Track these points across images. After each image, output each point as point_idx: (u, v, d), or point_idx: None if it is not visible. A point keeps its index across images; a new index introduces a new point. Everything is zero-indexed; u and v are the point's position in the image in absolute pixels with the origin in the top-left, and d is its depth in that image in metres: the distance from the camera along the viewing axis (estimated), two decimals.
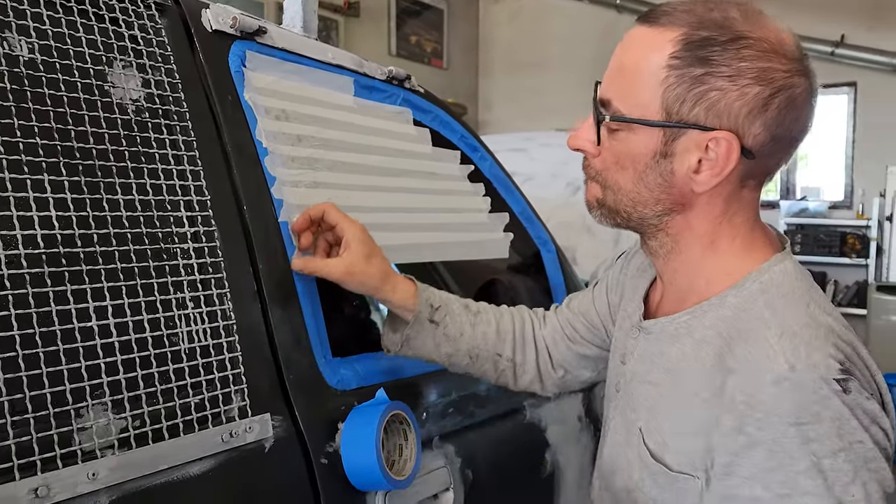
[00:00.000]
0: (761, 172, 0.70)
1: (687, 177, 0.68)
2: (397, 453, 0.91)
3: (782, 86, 0.64)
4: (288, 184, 0.92)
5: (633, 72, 0.68)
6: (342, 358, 0.94)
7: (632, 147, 0.69)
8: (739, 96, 0.64)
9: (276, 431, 0.80)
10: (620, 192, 0.72)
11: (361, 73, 1.13)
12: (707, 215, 0.71)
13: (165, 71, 0.81)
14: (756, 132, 0.65)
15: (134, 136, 0.75)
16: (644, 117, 0.67)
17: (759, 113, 0.65)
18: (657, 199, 0.70)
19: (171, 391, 0.71)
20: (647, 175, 0.70)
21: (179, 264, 0.75)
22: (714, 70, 0.64)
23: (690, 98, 0.65)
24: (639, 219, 0.73)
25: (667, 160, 0.68)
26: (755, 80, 0.64)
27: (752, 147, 0.66)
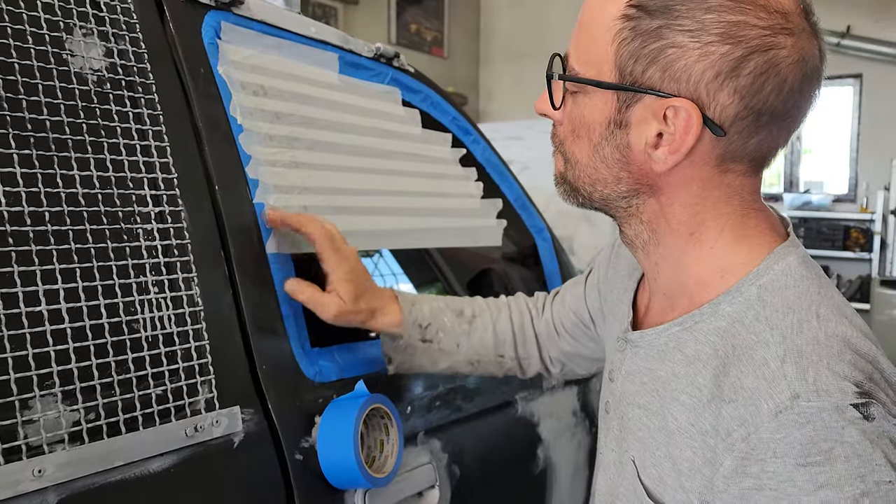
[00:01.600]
0: (746, 156, 0.57)
1: (643, 152, 0.57)
2: (378, 449, 0.87)
3: (758, 46, 0.52)
4: (264, 163, 0.87)
5: (589, 24, 0.58)
6: (321, 348, 0.89)
7: (586, 113, 0.59)
8: (701, 56, 0.53)
9: (246, 425, 0.75)
10: (578, 166, 0.62)
11: (347, 50, 1.07)
12: (681, 201, 0.59)
13: (130, 40, 0.76)
14: (725, 102, 0.54)
15: (93, 109, 0.70)
16: (596, 78, 0.57)
17: (728, 78, 0.53)
18: (617, 178, 0.60)
19: (130, 382, 0.66)
20: (602, 147, 0.59)
21: (142, 246, 0.70)
22: (673, 23, 0.53)
23: (645, 55, 0.54)
24: (601, 199, 0.62)
25: (622, 131, 0.58)
26: (722, 36, 0.52)
27: (720, 120, 0.54)
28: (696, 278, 0.61)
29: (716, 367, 0.56)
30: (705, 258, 0.60)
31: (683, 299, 0.62)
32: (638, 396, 0.64)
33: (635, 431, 0.64)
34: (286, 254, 0.87)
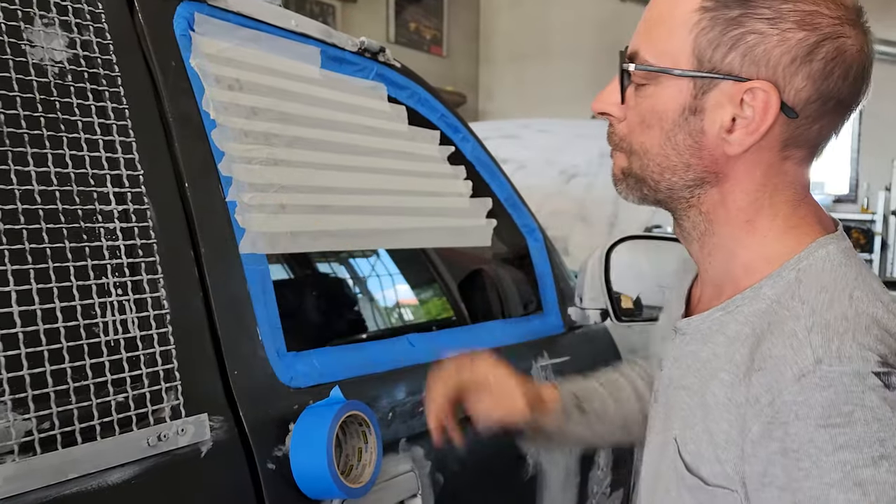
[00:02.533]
0: (806, 142, 0.60)
1: (719, 137, 0.59)
2: (356, 457, 0.83)
3: (829, 34, 0.56)
4: (239, 160, 0.84)
5: (662, 19, 0.60)
6: (298, 352, 0.86)
7: (658, 103, 0.61)
8: (780, 41, 0.56)
9: (215, 433, 0.72)
10: (647, 155, 0.63)
11: (330, 44, 1.04)
12: (743, 188, 0.61)
13: (95, 31, 0.73)
14: (799, 86, 0.57)
15: (52, 102, 0.67)
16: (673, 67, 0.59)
17: (803, 63, 0.56)
18: (687, 165, 0.61)
19: (88, 389, 0.63)
20: (674, 134, 0.61)
21: (103, 246, 0.67)
22: (752, 11, 0.56)
23: (725, 42, 0.57)
24: (667, 189, 0.64)
25: (696, 117, 0.59)
26: (798, 24, 0.56)
27: (794, 103, 0.57)
28: (744, 265, 0.63)
29: (752, 343, 0.58)
30: (755, 246, 0.62)
31: (730, 286, 0.64)
32: (682, 379, 0.66)
33: (678, 412, 0.65)
34: (261, 254, 0.84)
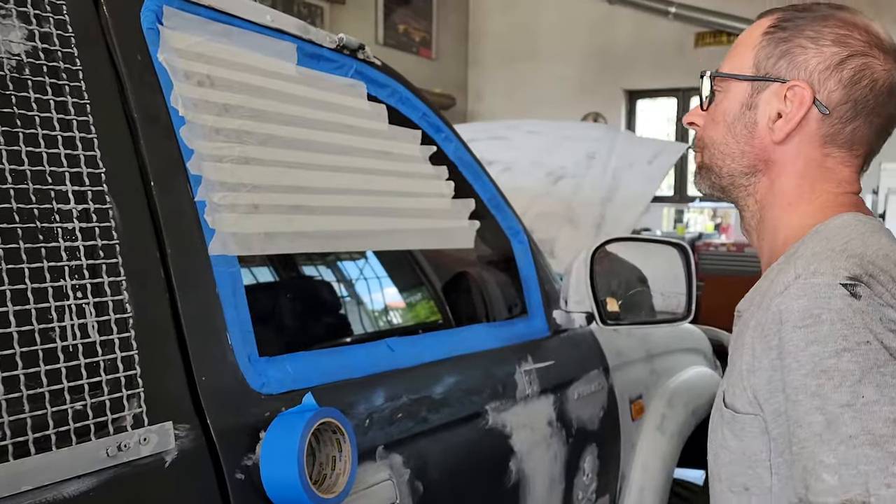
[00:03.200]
0: (844, 143, 0.73)
1: (767, 127, 0.74)
2: (330, 466, 0.81)
3: (859, 51, 0.71)
4: (209, 158, 0.81)
5: (738, 46, 0.79)
6: (271, 357, 0.83)
7: (725, 104, 0.78)
8: (817, 53, 0.72)
9: (180, 442, 0.69)
10: (713, 145, 0.79)
11: (307, 40, 1.01)
12: (788, 175, 0.75)
13: (56, 23, 0.70)
14: (831, 88, 0.71)
15: (8, 96, 0.64)
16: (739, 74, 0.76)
17: (835, 70, 0.71)
18: (742, 151, 0.76)
19: (42, 397, 0.59)
20: (734, 126, 0.77)
21: (61, 247, 0.64)
22: (799, 33, 0.73)
23: (776, 54, 0.74)
24: (729, 175, 0.78)
25: (751, 111, 0.75)
26: (833, 41, 0.71)
27: (826, 102, 0.72)
28: (783, 241, 0.75)
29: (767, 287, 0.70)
30: (794, 222, 0.74)
31: (773, 259, 0.75)
32: (732, 348, 0.75)
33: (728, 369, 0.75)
34: (232, 256, 0.81)
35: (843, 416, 0.57)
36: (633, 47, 5.58)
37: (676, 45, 5.39)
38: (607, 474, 1.44)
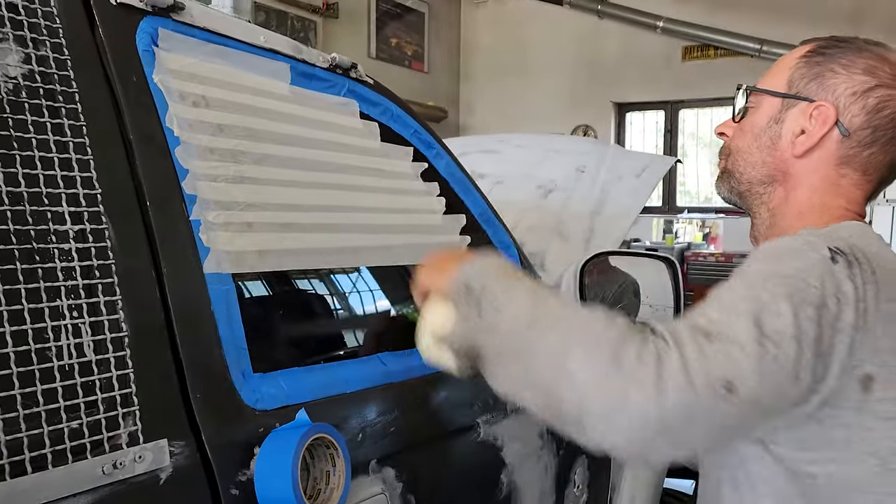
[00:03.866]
0: (860, 166, 0.78)
1: (789, 141, 0.79)
2: (324, 481, 0.81)
3: (885, 83, 0.76)
4: (204, 177, 0.82)
5: (776, 67, 0.84)
6: (265, 373, 0.84)
7: (756, 117, 0.82)
8: (847, 79, 0.77)
9: (175, 459, 0.70)
10: (738, 153, 0.84)
11: (300, 60, 1.03)
12: (803, 188, 0.79)
13: (52, 46, 0.71)
14: (855, 113, 0.76)
15: (5, 119, 0.65)
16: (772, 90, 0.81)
17: (861, 97, 0.76)
18: (763, 161, 0.81)
19: (39, 416, 0.60)
20: (760, 137, 0.81)
21: (57, 267, 0.65)
22: (833, 60, 0.78)
23: (809, 76, 0.79)
24: (748, 182, 0.83)
25: (778, 125, 0.80)
26: (863, 71, 0.76)
27: (848, 125, 0.76)
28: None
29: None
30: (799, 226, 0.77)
31: None
32: None
33: None
34: (226, 273, 0.82)
35: (749, 297, 0.61)
36: (622, 61, 5.64)
37: (664, 58, 5.45)
38: (598, 485, 1.45)
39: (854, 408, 0.64)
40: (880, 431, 0.64)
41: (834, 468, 0.66)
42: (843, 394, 0.63)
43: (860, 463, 0.65)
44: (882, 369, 0.64)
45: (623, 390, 0.56)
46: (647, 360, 0.56)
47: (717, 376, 0.56)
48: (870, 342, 0.63)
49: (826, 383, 0.62)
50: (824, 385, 0.62)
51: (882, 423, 0.64)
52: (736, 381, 0.56)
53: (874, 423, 0.64)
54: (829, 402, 0.63)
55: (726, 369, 0.56)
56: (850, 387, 0.63)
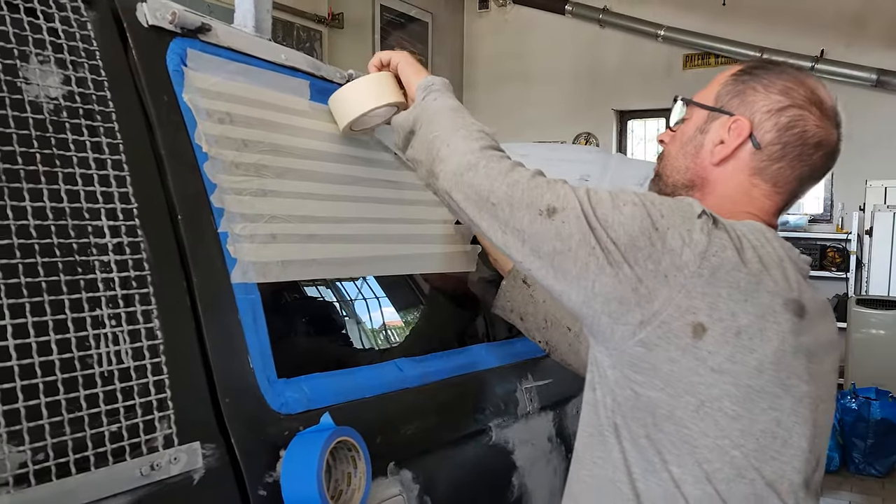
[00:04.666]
0: (770, 178, 0.84)
1: (709, 151, 0.86)
2: (345, 482, 0.85)
3: (798, 104, 0.83)
4: (230, 191, 0.86)
5: (710, 83, 0.91)
6: (289, 378, 0.87)
7: (687, 127, 0.90)
8: (764, 97, 0.84)
9: (206, 461, 0.73)
10: (668, 157, 0.91)
11: (318, 77, 1.07)
12: (717, 194, 0.85)
13: (90, 68, 0.75)
14: (767, 129, 0.83)
15: (48, 138, 0.68)
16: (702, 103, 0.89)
17: (774, 114, 0.83)
18: (686, 168, 0.88)
19: (82, 420, 0.64)
20: (687, 144, 0.89)
21: (97, 278, 0.68)
22: (756, 79, 0.85)
23: (733, 92, 0.86)
24: (672, 185, 0.90)
25: (702, 135, 0.87)
26: (780, 91, 0.84)
27: (760, 139, 0.83)
28: None
29: None
30: None
31: None
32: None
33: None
34: (252, 283, 0.85)
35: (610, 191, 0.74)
36: (623, 69, 5.69)
37: (665, 66, 5.50)
38: None
39: (681, 348, 0.70)
40: (706, 378, 0.71)
41: (654, 394, 0.73)
42: (671, 329, 0.70)
43: (678, 398, 0.71)
44: (717, 325, 0.70)
45: (475, 162, 0.79)
46: (504, 161, 0.78)
47: (546, 199, 0.73)
48: (711, 297, 0.70)
49: (651, 304, 0.70)
50: (648, 305, 0.70)
51: (710, 373, 0.71)
52: (559, 212, 0.72)
53: (702, 369, 0.70)
54: (655, 331, 0.70)
55: (558, 199, 0.73)
56: (679, 326, 0.70)
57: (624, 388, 0.75)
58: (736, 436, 0.71)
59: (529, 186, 0.74)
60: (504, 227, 0.75)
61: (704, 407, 0.71)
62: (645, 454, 0.74)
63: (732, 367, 0.70)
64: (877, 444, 3.67)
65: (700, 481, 0.72)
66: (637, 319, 0.70)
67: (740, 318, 0.70)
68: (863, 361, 4.10)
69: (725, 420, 0.71)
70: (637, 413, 0.74)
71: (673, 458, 0.73)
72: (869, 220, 4.53)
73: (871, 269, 4.52)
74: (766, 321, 0.71)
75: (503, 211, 0.75)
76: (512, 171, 0.77)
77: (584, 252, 0.71)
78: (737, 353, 0.70)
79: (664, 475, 0.73)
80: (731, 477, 0.72)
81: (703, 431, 0.71)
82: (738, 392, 0.71)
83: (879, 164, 4.66)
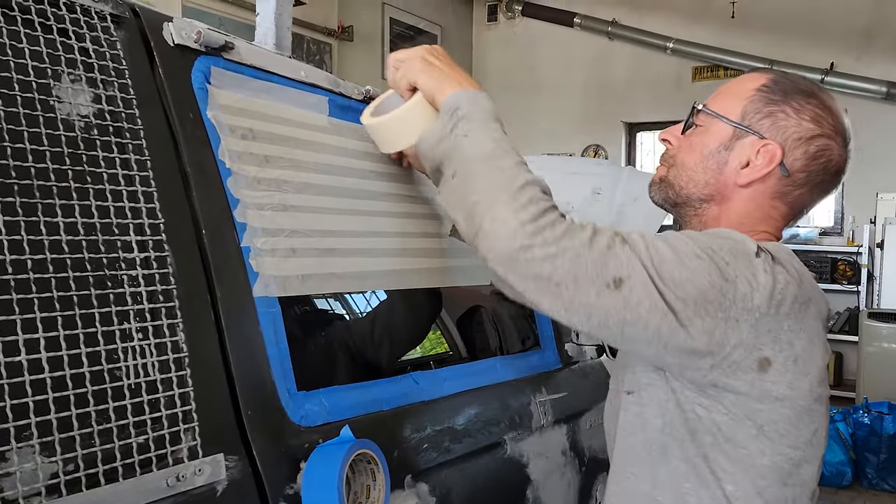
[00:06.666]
0: (790, 202, 0.85)
1: (735, 170, 0.84)
2: (364, 495, 0.85)
3: (827, 133, 0.83)
4: (252, 206, 0.87)
5: (731, 90, 0.87)
6: (308, 391, 0.88)
7: (706, 137, 0.86)
8: (797, 124, 0.82)
9: (229, 473, 0.74)
10: (683, 168, 0.87)
11: (337, 93, 1.08)
12: (737, 212, 0.85)
13: (119, 86, 0.76)
14: (797, 156, 0.82)
15: (79, 155, 0.70)
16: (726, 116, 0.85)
17: (805, 142, 0.82)
18: (706, 182, 0.85)
19: (111, 431, 0.65)
20: (708, 159, 0.85)
21: (126, 292, 0.70)
22: (787, 100, 0.83)
23: (763, 112, 0.83)
24: (686, 196, 0.87)
25: (726, 152, 0.84)
26: (812, 119, 0.82)
27: (789, 167, 0.83)
28: None
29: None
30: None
31: None
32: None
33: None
34: (273, 297, 0.86)
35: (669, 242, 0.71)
36: (632, 81, 5.70)
37: (674, 79, 5.51)
38: None
39: (748, 382, 0.72)
40: (767, 405, 0.73)
41: (718, 417, 0.74)
42: (740, 367, 0.71)
43: (740, 423, 0.74)
44: (779, 356, 0.72)
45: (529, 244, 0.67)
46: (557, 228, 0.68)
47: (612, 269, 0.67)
48: (775, 331, 0.72)
49: (723, 350, 0.70)
50: (720, 350, 0.70)
51: (771, 401, 0.73)
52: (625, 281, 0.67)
53: (764, 398, 0.73)
54: (724, 371, 0.71)
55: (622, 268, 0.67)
56: (748, 364, 0.71)
57: (687, 410, 0.76)
58: (787, 451, 0.75)
59: (592, 258, 0.67)
60: (569, 306, 0.68)
61: (764, 430, 0.74)
62: (699, 471, 0.76)
63: (791, 392, 0.73)
64: (890, 458, 3.63)
65: (752, 497, 0.75)
66: (708, 364, 0.71)
67: (796, 346, 0.73)
68: (875, 375, 4.07)
69: (779, 438, 0.74)
70: (697, 434, 0.76)
71: (728, 476, 0.75)
72: (880, 233, 4.51)
73: (882, 282, 4.50)
74: (814, 344, 0.75)
75: (567, 290, 0.67)
76: (570, 237, 0.67)
77: (656, 318, 0.68)
78: (795, 379, 0.73)
79: (717, 492, 0.76)
80: (778, 487, 0.76)
81: (761, 451, 0.74)
82: (793, 413, 0.74)
83: (890, 177, 4.65)
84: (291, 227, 0.91)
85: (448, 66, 0.89)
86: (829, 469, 3.54)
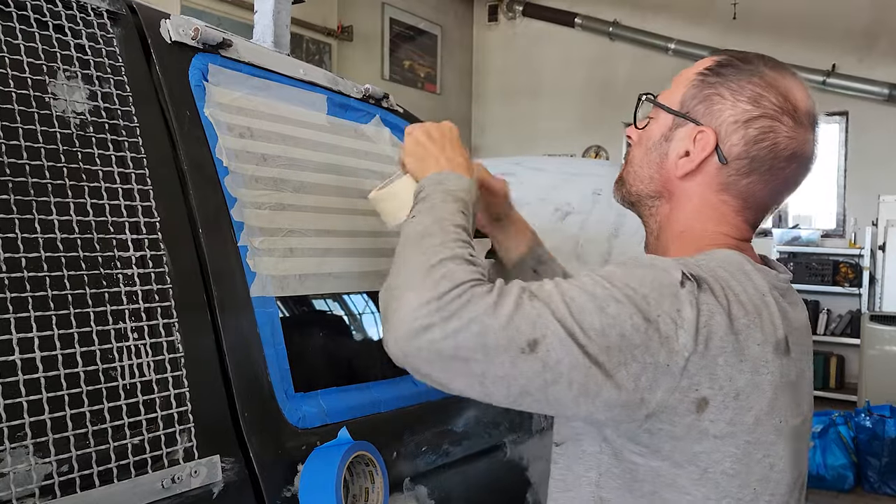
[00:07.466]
0: (738, 193, 0.77)
1: (674, 162, 0.78)
2: (363, 497, 0.84)
3: (769, 114, 0.74)
4: (250, 205, 0.87)
5: (678, 78, 0.82)
6: (306, 393, 0.87)
7: (651, 130, 0.81)
8: (732, 106, 0.75)
9: (226, 475, 0.73)
10: (632, 164, 0.83)
11: (336, 91, 1.08)
12: (684, 209, 0.79)
13: (115, 83, 0.76)
14: (734, 142, 0.75)
15: (75, 153, 0.69)
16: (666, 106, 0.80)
17: (742, 126, 0.75)
18: (651, 177, 0.81)
19: (105, 432, 0.64)
20: (651, 152, 0.81)
21: (121, 291, 0.69)
22: (724, 83, 0.76)
23: (699, 97, 0.77)
24: (637, 194, 0.83)
25: (667, 143, 0.79)
26: (749, 99, 0.75)
27: (727, 153, 0.75)
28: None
29: None
30: (678, 251, 0.77)
31: None
32: None
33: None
34: (271, 296, 0.86)
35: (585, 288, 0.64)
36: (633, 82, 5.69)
37: None
38: None
39: (686, 425, 0.65)
40: (707, 446, 0.67)
41: (656, 464, 0.68)
42: (676, 412, 0.65)
43: (681, 468, 0.67)
44: (718, 394, 0.65)
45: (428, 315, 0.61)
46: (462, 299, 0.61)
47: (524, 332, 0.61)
48: (709, 368, 0.65)
49: (654, 396, 0.63)
50: (651, 397, 0.63)
51: (711, 440, 0.67)
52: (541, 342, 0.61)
53: (703, 439, 0.66)
54: (660, 417, 0.65)
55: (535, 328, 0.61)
56: (684, 407, 0.65)
57: (624, 460, 0.70)
58: (735, 491, 0.69)
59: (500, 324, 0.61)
60: (483, 380, 0.62)
61: (707, 473, 0.68)
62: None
63: (732, 429, 0.67)
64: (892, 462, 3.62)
65: None
66: (643, 415, 0.65)
67: (737, 381, 0.66)
68: (877, 378, 4.06)
69: (726, 480, 0.68)
70: (636, 483, 0.70)
71: None
72: (882, 235, 4.50)
73: (884, 284, 4.49)
74: (760, 374, 0.68)
75: (478, 364, 0.61)
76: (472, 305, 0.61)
77: (580, 375, 0.62)
78: (736, 415, 0.67)
79: None
80: None
81: (706, 496, 0.68)
82: (738, 451, 0.68)
83: (892, 179, 4.64)
84: (289, 227, 0.91)
85: (439, 144, 0.85)
86: (830, 473, 3.53)
